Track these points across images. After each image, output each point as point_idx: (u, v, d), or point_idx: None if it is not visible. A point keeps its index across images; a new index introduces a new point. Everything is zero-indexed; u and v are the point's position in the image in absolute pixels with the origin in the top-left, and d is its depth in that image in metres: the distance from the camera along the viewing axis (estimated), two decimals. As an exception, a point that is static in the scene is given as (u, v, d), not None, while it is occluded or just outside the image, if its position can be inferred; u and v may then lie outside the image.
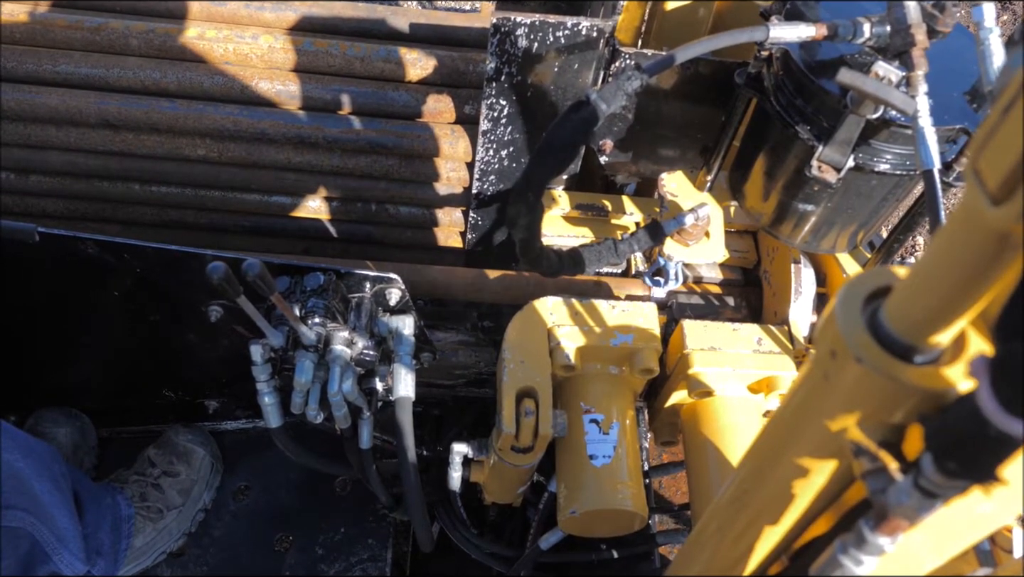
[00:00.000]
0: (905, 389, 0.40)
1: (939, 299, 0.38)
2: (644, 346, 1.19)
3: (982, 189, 0.33)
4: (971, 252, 0.35)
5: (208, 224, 1.55)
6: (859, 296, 0.42)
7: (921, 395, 0.40)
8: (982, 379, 0.33)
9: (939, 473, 0.37)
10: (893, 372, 0.40)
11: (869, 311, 0.42)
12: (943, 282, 0.37)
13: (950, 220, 0.36)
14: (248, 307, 1.00)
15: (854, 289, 0.42)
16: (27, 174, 1.46)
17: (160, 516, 1.32)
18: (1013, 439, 0.33)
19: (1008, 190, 0.32)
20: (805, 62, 0.99)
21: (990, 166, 0.32)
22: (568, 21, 1.13)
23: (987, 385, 0.33)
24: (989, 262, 0.35)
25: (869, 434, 0.43)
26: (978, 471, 0.35)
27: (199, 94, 1.38)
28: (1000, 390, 0.32)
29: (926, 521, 0.44)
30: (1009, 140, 0.31)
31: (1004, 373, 0.32)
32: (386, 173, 1.44)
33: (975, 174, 0.33)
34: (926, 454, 0.37)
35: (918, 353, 0.41)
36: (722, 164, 1.21)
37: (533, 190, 0.91)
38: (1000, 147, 0.32)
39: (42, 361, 1.37)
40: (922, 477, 0.38)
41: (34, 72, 1.35)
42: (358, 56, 1.38)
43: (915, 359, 0.41)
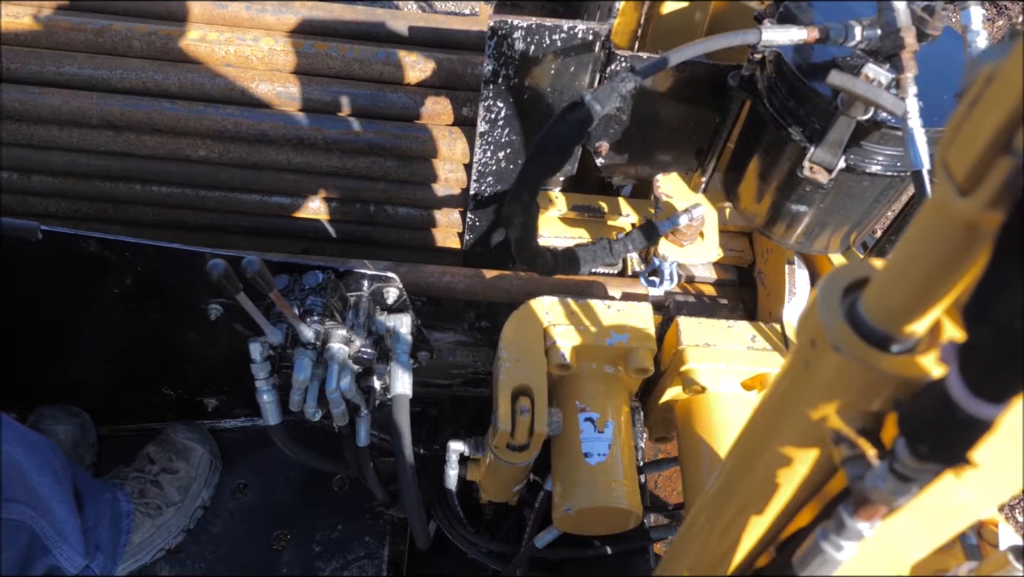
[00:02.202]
0: (882, 377, 0.42)
1: (913, 289, 0.39)
2: (639, 346, 1.21)
3: (950, 181, 0.34)
4: (942, 242, 0.36)
5: (208, 224, 1.57)
6: (838, 287, 0.43)
7: (897, 383, 0.42)
8: (951, 364, 0.34)
9: (912, 456, 0.38)
10: (869, 360, 0.41)
11: (848, 302, 0.44)
12: (916, 272, 0.39)
13: (921, 212, 0.37)
14: (247, 304, 1.01)
15: (833, 281, 0.44)
16: (30, 174, 1.47)
17: (159, 513, 1.33)
18: (981, 422, 0.34)
19: (974, 181, 0.33)
20: (797, 64, 1.00)
21: (957, 158, 0.34)
22: (564, 24, 1.14)
23: (955, 370, 0.34)
24: (959, 252, 0.36)
25: (848, 422, 0.44)
26: (948, 454, 0.37)
27: (200, 95, 1.40)
28: (968, 375, 0.34)
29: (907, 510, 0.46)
30: (974, 133, 0.32)
31: (971, 358, 0.34)
32: (385, 174, 1.46)
33: (944, 166, 0.35)
34: (900, 439, 0.39)
35: (895, 342, 0.42)
36: (716, 166, 1.23)
37: (528, 190, 0.92)
38: (966, 140, 0.33)
39: (43, 358, 1.38)
40: (896, 461, 0.39)
41: (38, 73, 1.37)
42: (357, 58, 1.40)
43: (892, 348, 0.42)
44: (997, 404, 0.33)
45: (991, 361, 0.33)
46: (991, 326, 0.32)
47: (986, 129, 0.32)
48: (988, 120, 0.32)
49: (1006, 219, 0.31)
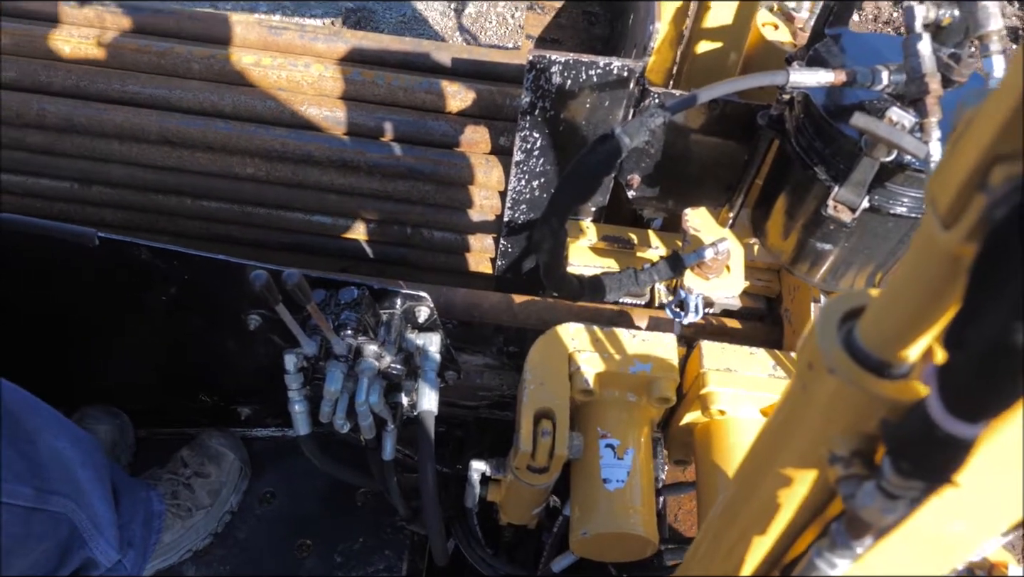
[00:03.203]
0: (874, 400, 0.44)
1: (904, 317, 0.42)
2: (662, 376, 1.23)
3: (935, 215, 0.37)
4: (929, 273, 0.39)
5: (253, 239, 1.63)
6: (836, 314, 0.46)
7: (889, 406, 0.44)
8: (932, 386, 0.37)
9: (896, 473, 0.40)
10: (862, 383, 0.44)
11: (846, 329, 0.46)
12: (907, 302, 0.41)
13: (912, 244, 0.40)
14: (285, 315, 1.06)
15: (832, 308, 0.46)
16: (90, 184, 1.56)
17: (189, 515, 1.37)
18: (959, 440, 0.37)
19: (955, 216, 0.36)
20: (824, 106, 1.03)
21: (941, 194, 0.37)
22: (600, 61, 1.19)
23: (935, 391, 0.37)
24: (945, 282, 0.39)
25: (843, 443, 0.47)
26: (930, 471, 0.39)
27: (252, 116, 1.47)
28: (946, 395, 0.36)
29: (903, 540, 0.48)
30: (954, 171, 0.35)
31: (949, 380, 0.36)
32: (423, 198, 1.51)
33: (931, 201, 0.38)
34: (886, 457, 0.41)
35: (890, 368, 0.45)
36: (744, 202, 1.25)
37: (557, 216, 0.96)
38: (948, 177, 0.36)
39: (89, 360, 1.45)
40: (883, 479, 0.41)
41: (104, 91, 1.45)
42: (402, 87, 1.46)
43: (887, 373, 0.45)
44: (973, 424, 0.36)
45: (966, 383, 0.35)
46: (966, 350, 0.35)
47: (964, 168, 0.34)
48: (966, 159, 0.34)
49: (979, 251, 0.34)
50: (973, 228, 0.35)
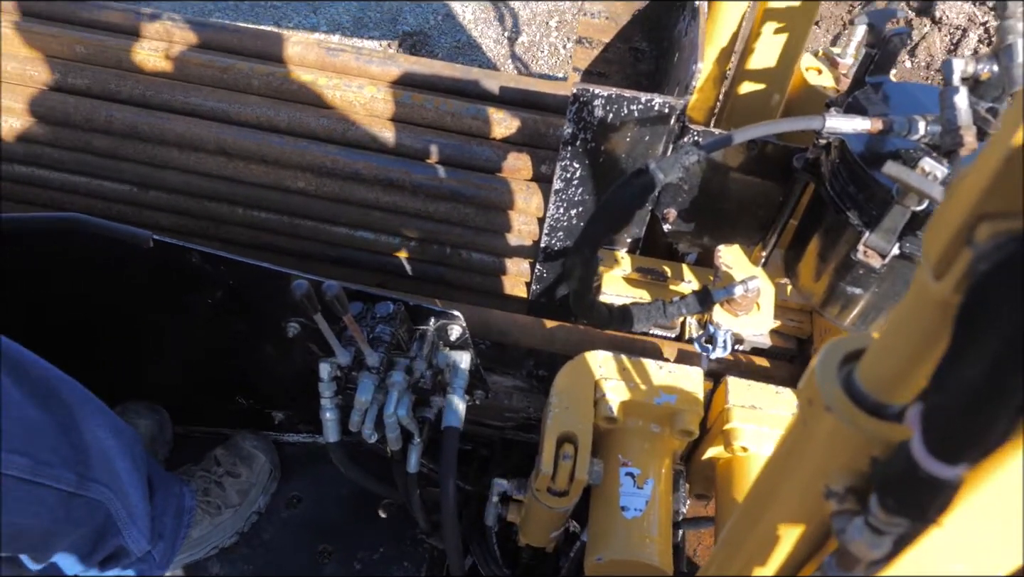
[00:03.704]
0: (869, 439, 0.46)
1: (899, 361, 0.44)
2: (686, 409, 1.24)
3: (928, 265, 0.39)
4: (921, 320, 0.41)
5: (298, 250, 1.69)
6: (838, 354, 0.48)
7: (883, 445, 0.46)
8: (915, 427, 0.39)
9: (882, 510, 0.42)
10: (857, 422, 0.45)
11: (847, 370, 0.48)
12: (902, 346, 0.43)
13: (908, 291, 0.42)
14: (322, 324, 1.10)
15: (833, 348, 0.48)
16: (147, 189, 1.63)
17: (218, 512, 1.42)
18: (939, 480, 0.38)
19: (945, 267, 0.38)
20: (859, 152, 1.04)
21: (933, 246, 0.39)
22: (642, 97, 1.22)
23: (918, 432, 0.39)
24: (936, 328, 0.41)
25: (839, 479, 0.48)
26: (913, 509, 0.41)
27: (305, 133, 1.53)
28: (927, 437, 0.38)
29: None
30: (945, 225, 0.37)
31: (931, 423, 0.38)
32: (463, 220, 1.55)
33: (925, 252, 0.40)
34: (873, 493, 0.43)
35: (887, 409, 0.46)
36: (778, 242, 1.27)
37: (589, 246, 0.98)
38: (939, 229, 0.38)
39: (135, 356, 1.51)
40: (870, 514, 0.43)
41: (168, 101, 1.53)
42: (450, 112, 1.51)
43: (884, 414, 0.46)
44: (952, 465, 0.38)
45: (946, 426, 0.37)
46: (947, 395, 0.37)
47: (954, 223, 0.37)
48: (955, 215, 0.37)
49: (962, 302, 0.36)
50: (960, 280, 0.37)
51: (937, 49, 3.01)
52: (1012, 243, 0.34)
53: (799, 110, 1.42)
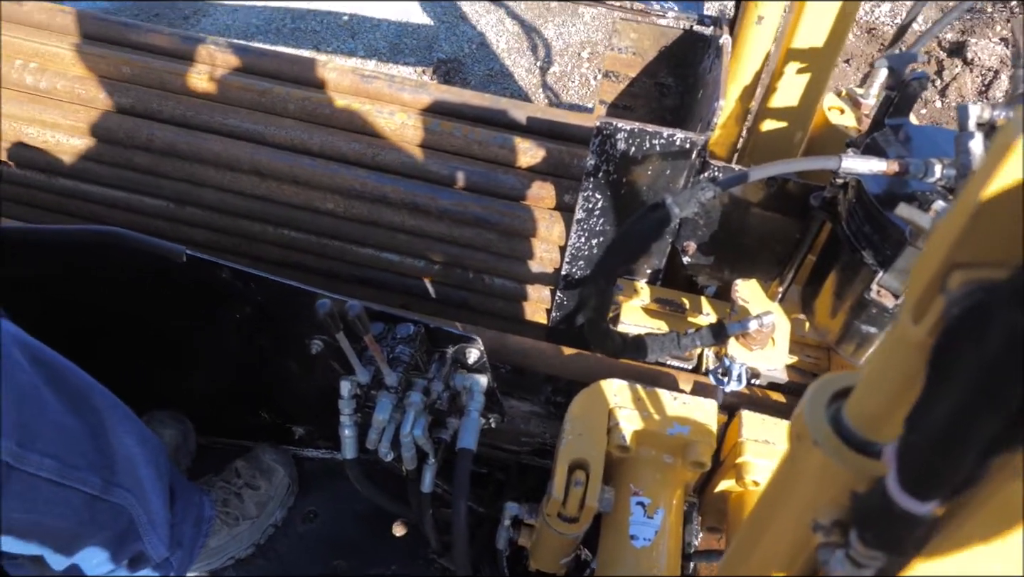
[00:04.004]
0: (855, 473, 0.47)
1: (883, 400, 0.45)
2: (699, 440, 1.25)
3: (908, 308, 0.41)
4: (902, 361, 0.43)
5: (325, 270, 1.73)
6: (827, 391, 0.50)
7: (868, 481, 0.47)
8: (891, 464, 0.41)
9: (860, 542, 0.43)
10: (842, 457, 0.47)
11: (836, 406, 0.50)
12: (885, 385, 0.45)
13: (889, 333, 0.44)
14: (344, 343, 1.13)
15: (823, 385, 0.50)
16: (184, 205, 1.69)
17: (236, 523, 1.45)
18: (913, 516, 0.40)
19: (922, 312, 0.40)
20: (876, 193, 1.06)
21: (912, 290, 0.41)
22: (664, 131, 1.25)
23: (893, 469, 0.40)
24: (916, 370, 0.42)
25: (826, 512, 0.50)
26: (888, 543, 0.42)
27: (336, 156, 1.58)
28: (901, 474, 0.40)
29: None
30: (922, 270, 0.39)
31: (904, 460, 0.40)
32: (486, 246, 1.58)
33: (906, 296, 0.42)
34: (853, 526, 0.44)
35: (873, 446, 0.48)
36: (795, 278, 1.28)
37: (604, 276, 1.01)
38: (917, 275, 0.40)
39: (164, 367, 1.56)
40: (850, 548, 0.45)
41: (207, 122, 1.59)
42: (477, 140, 1.55)
43: (870, 451, 0.48)
44: (924, 502, 0.39)
45: (918, 463, 0.39)
46: (919, 433, 0.38)
47: (929, 270, 0.39)
48: (931, 262, 0.39)
49: (933, 346, 0.37)
50: (934, 324, 0.39)
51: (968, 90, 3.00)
52: (980, 292, 0.36)
53: (820, 148, 1.44)
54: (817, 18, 1.27)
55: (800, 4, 1.27)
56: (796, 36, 1.30)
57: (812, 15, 1.27)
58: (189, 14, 3.63)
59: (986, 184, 0.35)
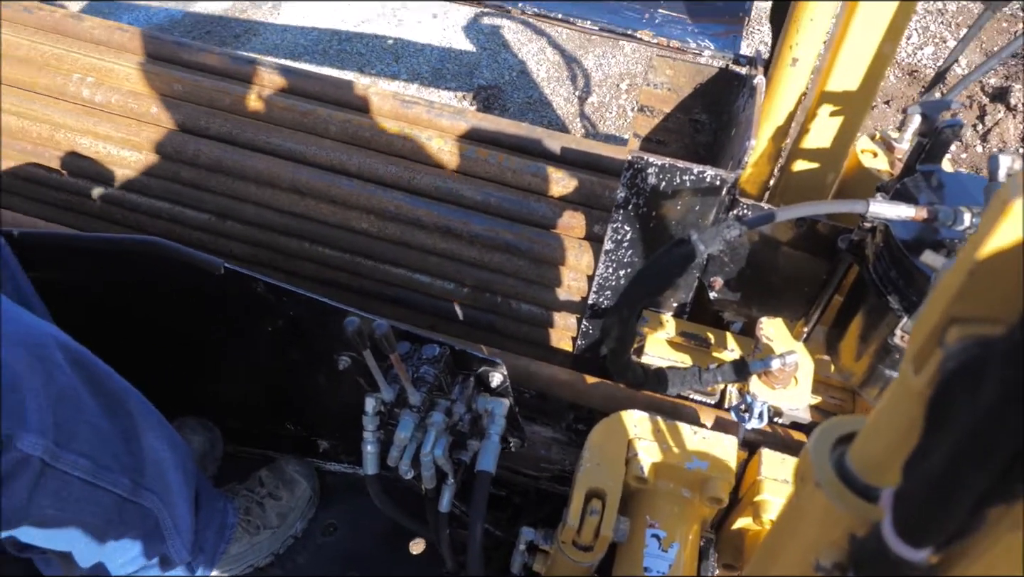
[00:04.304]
0: (855, 517, 0.48)
1: (885, 447, 0.47)
2: (717, 476, 1.25)
3: (909, 359, 0.43)
4: (903, 410, 0.44)
5: (357, 287, 1.77)
6: (832, 435, 0.51)
7: (868, 525, 0.48)
8: (887, 509, 0.42)
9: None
10: (843, 500, 0.48)
11: (840, 450, 0.51)
12: (886, 432, 0.46)
13: (893, 382, 0.45)
14: (370, 361, 1.16)
15: (828, 428, 0.51)
16: (225, 219, 1.74)
17: (257, 532, 1.48)
18: (907, 562, 0.41)
19: (922, 363, 0.41)
20: (903, 239, 1.06)
21: (913, 342, 0.42)
22: (695, 168, 1.26)
23: (889, 515, 0.41)
24: (916, 419, 0.43)
25: (828, 554, 0.51)
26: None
27: (373, 178, 1.62)
28: (896, 520, 0.41)
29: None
30: (922, 326, 0.41)
31: (900, 506, 0.41)
32: (515, 272, 1.61)
33: (908, 347, 0.43)
34: (850, 569, 0.45)
35: (876, 491, 0.49)
36: (820, 319, 1.28)
37: (627, 308, 1.02)
38: (919, 326, 0.41)
39: (197, 375, 1.60)
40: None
41: (251, 140, 1.64)
42: (511, 168, 1.58)
43: (872, 495, 0.49)
44: (917, 548, 0.40)
45: (912, 510, 0.40)
46: (914, 481, 0.40)
47: (929, 324, 0.40)
48: (931, 316, 0.40)
49: (930, 397, 0.39)
50: (932, 376, 0.40)
51: (1011, 136, 2.97)
52: (976, 347, 0.37)
53: (852, 190, 1.44)
54: (852, 62, 1.28)
55: (835, 48, 1.29)
56: (831, 79, 1.31)
57: (847, 59, 1.28)
58: (240, 33, 3.74)
59: (984, 242, 0.37)
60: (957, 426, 0.37)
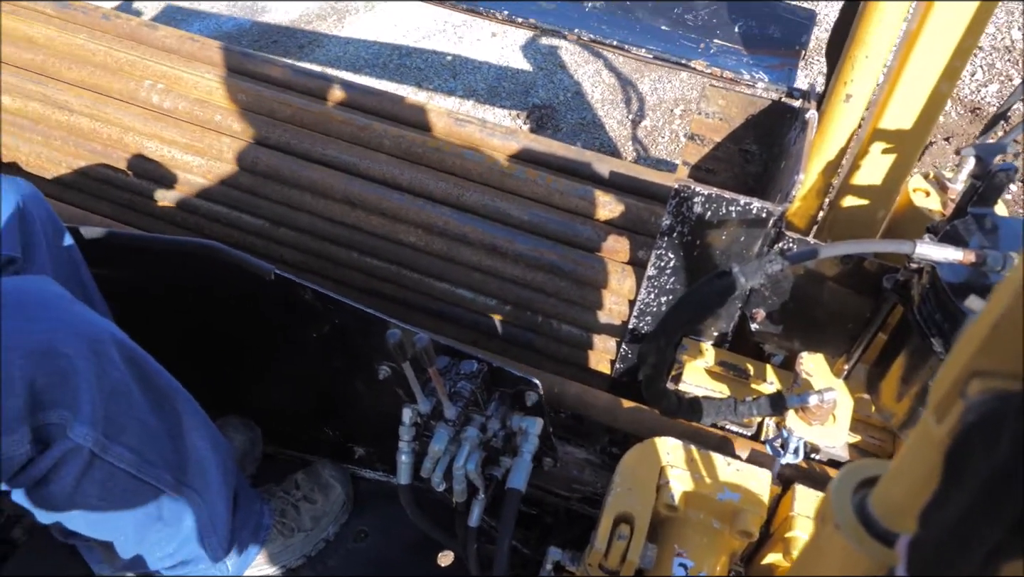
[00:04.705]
0: (872, 560, 0.49)
1: (906, 493, 0.47)
2: (749, 509, 1.24)
3: (931, 408, 0.43)
4: (924, 457, 0.44)
5: (402, 299, 1.80)
6: (854, 478, 0.51)
7: (886, 569, 0.48)
8: (902, 555, 0.42)
9: (871, 630, 0.45)
10: (862, 543, 0.48)
11: (862, 494, 0.51)
12: (908, 479, 0.46)
13: (915, 430, 0.45)
14: (409, 373, 1.19)
15: (852, 471, 0.52)
16: (278, 226, 1.80)
17: (291, 534, 1.51)
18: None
19: (943, 412, 0.42)
20: (950, 282, 1.05)
21: (935, 393, 0.42)
22: (741, 199, 1.26)
23: (904, 560, 0.42)
24: (936, 468, 0.44)
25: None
26: (897, 631, 0.43)
27: (423, 193, 1.65)
28: (910, 566, 0.41)
29: None
30: (946, 376, 0.41)
31: (916, 555, 0.41)
32: (557, 292, 1.62)
33: (931, 396, 0.43)
34: (865, 612, 0.46)
35: (894, 536, 0.49)
36: (862, 357, 1.26)
37: (664, 335, 1.03)
38: (942, 376, 0.42)
39: (243, 376, 1.65)
40: (863, 633, 0.46)
41: (308, 151, 1.70)
42: (559, 190, 1.60)
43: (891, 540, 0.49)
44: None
45: (926, 557, 0.40)
46: (930, 529, 0.40)
47: (951, 376, 0.40)
48: (954, 368, 0.40)
49: (949, 447, 0.39)
50: (953, 427, 0.40)
51: (1075, 180, 2.88)
52: (995, 401, 0.37)
53: (902, 229, 1.42)
54: (907, 101, 1.27)
55: (891, 85, 1.28)
56: (885, 116, 1.30)
57: (903, 97, 1.28)
58: (304, 43, 3.85)
59: (1008, 297, 0.37)
60: (973, 478, 0.37)
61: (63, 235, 1.36)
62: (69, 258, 1.36)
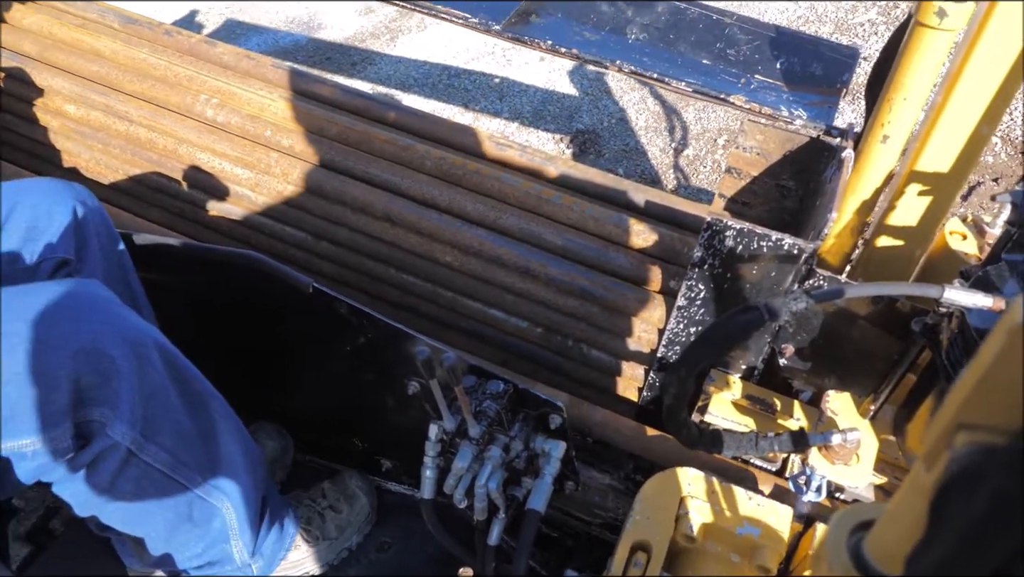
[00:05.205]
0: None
1: (898, 537, 0.48)
2: (767, 545, 1.24)
3: (922, 456, 0.44)
4: (915, 504, 0.45)
5: (435, 316, 1.84)
6: (851, 521, 0.52)
7: (878, 614, 0.49)
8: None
9: (859, 671, 0.46)
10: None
11: (858, 537, 0.52)
12: (900, 525, 0.47)
13: (907, 477, 0.47)
14: (436, 390, 1.21)
15: (848, 514, 0.53)
16: (319, 239, 1.85)
17: (316, 542, 1.54)
18: (909, 652, 0.42)
19: (932, 462, 0.43)
20: (979, 328, 1.04)
21: (925, 442, 0.44)
22: (773, 235, 1.27)
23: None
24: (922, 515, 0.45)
25: (840, 636, 0.52)
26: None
27: (461, 214, 1.69)
28: (897, 609, 0.42)
29: None
30: (937, 422, 0.42)
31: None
32: (588, 317, 1.64)
33: (922, 444, 0.45)
34: (853, 653, 0.46)
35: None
36: (890, 397, 1.26)
37: (687, 367, 1.04)
38: (932, 426, 0.43)
39: (277, 384, 1.69)
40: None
41: (351, 168, 1.75)
42: (594, 216, 1.62)
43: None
44: (915, 639, 0.41)
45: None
46: (916, 573, 0.41)
47: (940, 427, 0.42)
48: (943, 419, 0.42)
49: (933, 495, 0.40)
50: (939, 476, 0.42)
51: None
52: (978, 454, 0.39)
53: (936, 271, 1.41)
54: (946, 143, 1.27)
55: (929, 127, 1.28)
56: (922, 158, 1.30)
57: (941, 139, 1.27)
58: (357, 61, 3.95)
59: (993, 354, 0.38)
60: (953, 527, 0.39)
61: (116, 241, 1.42)
62: (119, 263, 1.42)
